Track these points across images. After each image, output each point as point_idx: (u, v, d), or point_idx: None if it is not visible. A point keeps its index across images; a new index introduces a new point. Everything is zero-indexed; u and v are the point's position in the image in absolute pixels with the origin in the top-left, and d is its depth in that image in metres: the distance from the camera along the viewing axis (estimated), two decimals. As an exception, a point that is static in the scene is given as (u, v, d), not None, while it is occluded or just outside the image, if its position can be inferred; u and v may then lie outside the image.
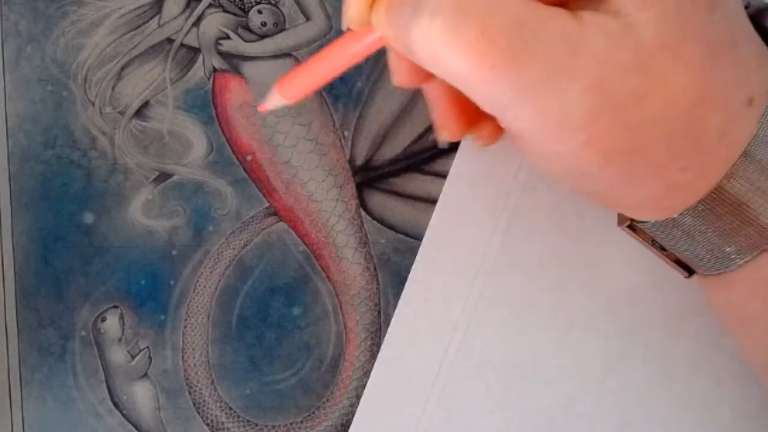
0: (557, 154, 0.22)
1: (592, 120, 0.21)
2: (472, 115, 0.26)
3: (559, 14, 0.21)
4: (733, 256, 0.24)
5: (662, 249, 0.26)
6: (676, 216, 0.24)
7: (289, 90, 0.25)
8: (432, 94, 0.26)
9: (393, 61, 0.25)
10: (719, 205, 0.23)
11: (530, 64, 0.20)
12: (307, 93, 0.26)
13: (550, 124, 0.21)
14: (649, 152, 0.22)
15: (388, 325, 0.32)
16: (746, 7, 0.24)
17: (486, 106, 0.22)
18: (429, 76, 0.24)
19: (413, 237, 0.32)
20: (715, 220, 0.23)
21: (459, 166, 0.32)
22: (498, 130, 0.26)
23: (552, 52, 0.20)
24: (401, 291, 0.32)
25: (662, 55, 0.21)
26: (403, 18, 0.21)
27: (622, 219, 0.27)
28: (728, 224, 0.23)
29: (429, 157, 0.32)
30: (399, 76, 0.25)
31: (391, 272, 0.32)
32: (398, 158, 0.33)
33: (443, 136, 0.26)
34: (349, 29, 0.23)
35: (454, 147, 0.32)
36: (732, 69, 0.22)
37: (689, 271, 0.26)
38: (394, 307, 0.32)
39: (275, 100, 0.26)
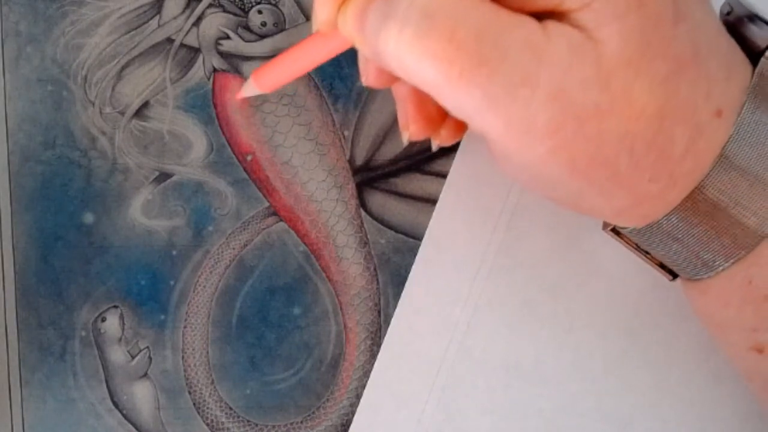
0: (525, 162, 0.22)
1: (554, 129, 0.21)
2: (435, 117, 0.26)
3: (526, 22, 0.21)
4: (710, 264, 0.24)
5: (646, 253, 0.26)
6: (652, 223, 0.24)
7: (263, 80, 0.26)
8: (398, 94, 0.26)
9: (361, 63, 0.25)
10: (693, 214, 0.23)
11: (497, 71, 0.20)
12: (279, 85, 0.26)
13: (515, 132, 0.21)
14: (614, 163, 0.22)
15: (388, 325, 0.32)
16: (728, 14, 0.24)
17: (455, 112, 0.22)
18: (396, 78, 0.24)
19: (413, 237, 0.32)
20: (690, 229, 0.23)
21: (459, 166, 0.32)
22: (456, 132, 0.27)
23: (517, 61, 0.20)
24: (401, 291, 0.32)
25: (624, 71, 0.21)
26: (372, 25, 0.21)
27: (606, 223, 0.27)
28: (703, 233, 0.23)
29: (429, 157, 0.32)
30: (367, 78, 0.25)
31: (391, 272, 0.32)
32: (398, 158, 0.33)
33: (405, 136, 0.27)
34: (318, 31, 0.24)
35: (454, 147, 0.32)
36: (696, 83, 0.22)
37: (673, 275, 0.26)
38: (394, 307, 0.32)
39: (250, 88, 0.26)
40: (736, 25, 0.24)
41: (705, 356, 0.31)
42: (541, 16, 0.21)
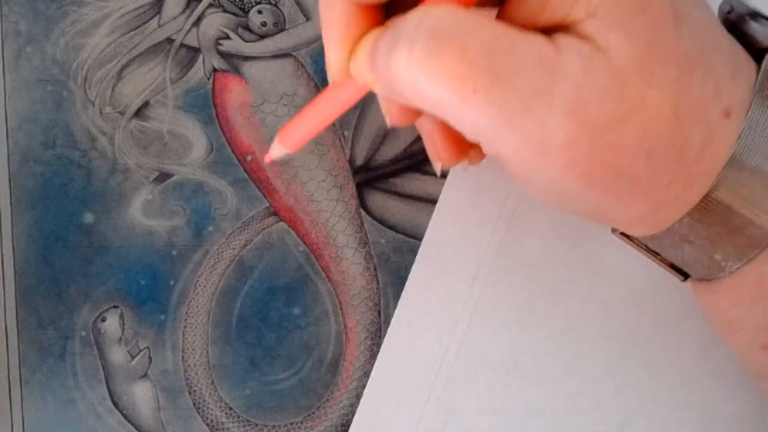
0: (541, 177, 0.22)
1: (572, 143, 0.21)
2: (463, 144, 0.26)
3: (535, 38, 0.21)
4: (722, 264, 0.24)
5: (656, 254, 0.26)
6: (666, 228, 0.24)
7: (288, 139, 0.26)
8: (424, 128, 0.26)
9: (382, 104, 0.25)
10: (707, 215, 0.23)
11: (510, 87, 0.20)
12: (304, 141, 0.26)
13: (531, 148, 0.21)
14: (632, 172, 0.22)
15: (388, 325, 0.32)
16: (728, 12, 0.24)
17: (469, 133, 0.22)
18: (420, 113, 0.24)
19: (413, 237, 0.32)
20: (703, 230, 0.23)
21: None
22: (483, 151, 0.27)
23: (530, 76, 0.20)
24: (401, 291, 0.32)
25: (636, 77, 0.21)
26: (382, 56, 0.21)
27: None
28: (716, 234, 0.23)
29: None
30: (391, 118, 0.25)
31: (391, 272, 0.32)
32: (398, 158, 0.33)
33: (438, 167, 0.27)
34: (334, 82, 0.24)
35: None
36: (705, 82, 0.22)
37: (684, 275, 0.26)
38: (394, 307, 0.32)
39: (277, 149, 0.27)
40: (737, 23, 0.24)
41: (705, 356, 0.31)
42: (547, 31, 0.21)
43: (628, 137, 0.21)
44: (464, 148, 0.26)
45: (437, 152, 0.26)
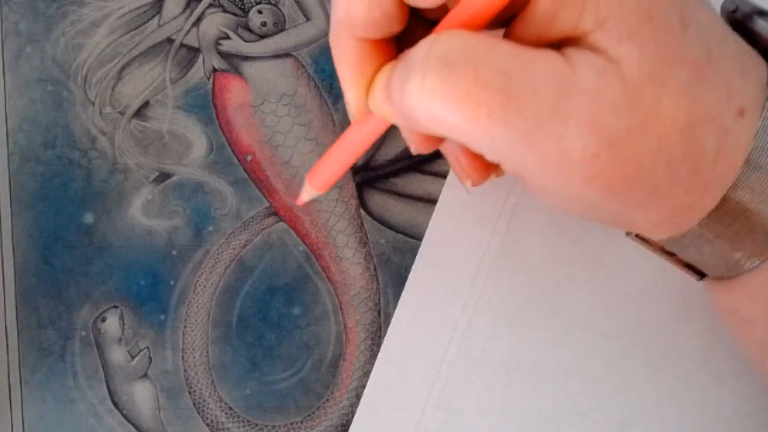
0: (562, 192, 0.22)
1: (590, 158, 0.21)
2: (488, 162, 0.26)
3: (547, 55, 0.21)
4: (742, 262, 0.24)
5: (671, 254, 0.26)
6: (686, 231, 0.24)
7: (317, 181, 0.27)
8: (448, 151, 0.26)
9: (404, 133, 0.25)
10: (726, 215, 0.23)
11: (525, 107, 0.20)
12: (333, 181, 0.27)
13: (550, 165, 0.21)
14: (651, 182, 0.22)
15: (388, 325, 0.32)
16: (734, 12, 0.24)
17: (488, 155, 0.22)
18: (442, 138, 0.24)
19: (413, 237, 0.32)
20: (722, 230, 0.23)
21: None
22: None
23: (545, 94, 0.20)
24: (401, 291, 0.32)
25: (649, 87, 0.21)
26: (396, 87, 0.21)
27: None
28: (736, 233, 0.23)
29: (429, 157, 0.32)
30: (415, 146, 0.25)
31: (391, 272, 0.32)
32: (398, 158, 0.33)
33: (468, 185, 0.27)
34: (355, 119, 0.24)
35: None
36: (715, 85, 0.22)
37: (700, 274, 0.26)
38: (394, 307, 0.32)
39: (308, 192, 0.27)
40: (743, 22, 0.24)
41: (705, 356, 0.31)
42: (557, 45, 0.21)
43: (646, 149, 0.21)
44: (490, 165, 0.26)
45: (464, 172, 0.26)
